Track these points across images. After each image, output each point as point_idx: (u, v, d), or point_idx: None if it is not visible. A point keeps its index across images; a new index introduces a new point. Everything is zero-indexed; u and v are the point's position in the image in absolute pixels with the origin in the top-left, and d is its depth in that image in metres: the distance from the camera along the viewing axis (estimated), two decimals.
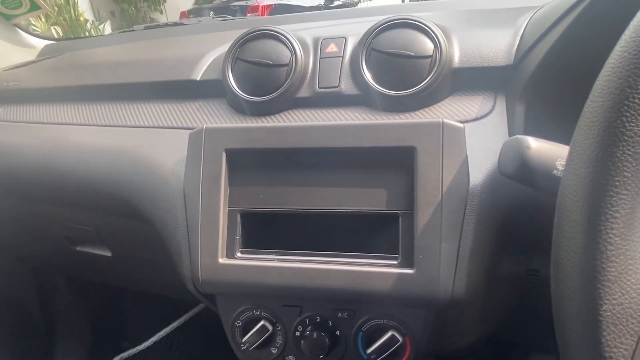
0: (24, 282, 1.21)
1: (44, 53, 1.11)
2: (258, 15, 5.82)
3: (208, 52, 0.76)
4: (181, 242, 0.64)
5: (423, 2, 1.15)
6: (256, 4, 6.11)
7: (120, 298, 1.40)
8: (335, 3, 7.04)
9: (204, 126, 0.63)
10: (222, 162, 0.62)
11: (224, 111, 0.71)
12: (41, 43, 1.14)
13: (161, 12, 7.87)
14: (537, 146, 0.38)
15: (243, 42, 0.69)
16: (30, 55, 1.10)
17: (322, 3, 6.64)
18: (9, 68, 0.99)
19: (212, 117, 0.71)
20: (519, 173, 0.39)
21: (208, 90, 0.72)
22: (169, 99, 0.76)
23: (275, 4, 6.11)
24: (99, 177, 0.75)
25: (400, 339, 0.58)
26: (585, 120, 0.26)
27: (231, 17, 1.23)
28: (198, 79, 0.73)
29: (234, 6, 6.17)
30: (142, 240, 0.83)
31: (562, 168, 0.36)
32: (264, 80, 0.67)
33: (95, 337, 1.36)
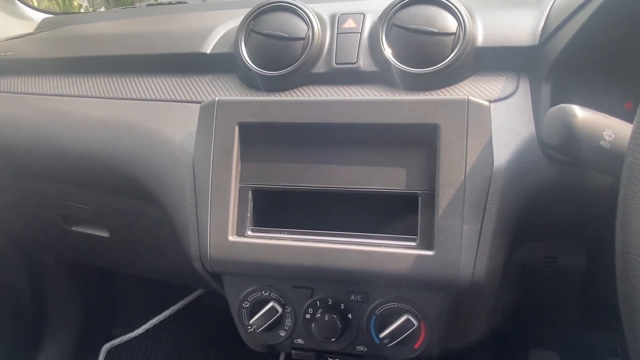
0: (14, 264, 1.17)
1: (42, 26, 1.07)
2: None
3: (219, 25, 0.73)
4: (189, 219, 0.62)
5: None
6: None
7: (112, 283, 1.37)
8: None
9: (216, 98, 0.61)
10: (235, 137, 0.60)
11: (235, 86, 0.68)
12: (39, 16, 1.10)
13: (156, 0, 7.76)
14: (584, 115, 0.36)
15: (258, 14, 0.67)
16: (28, 28, 1.06)
17: None
18: (5, 39, 0.96)
19: (223, 91, 0.68)
20: (564, 144, 0.37)
21: (219, 64, 0.70)
22: (177, 73, 0.73)
23: None
24: (102, 152, 0.72)
25: (415, 323, 0.57)
26: None
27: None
28: (208, 52, 0.70)
29: None
30: (144, 220, 0.80)
31: (610, 139, 0.35)
32: (279, 54, 0.64)
33: (86, 323, 1.32)
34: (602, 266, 0.63)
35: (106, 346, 1.34)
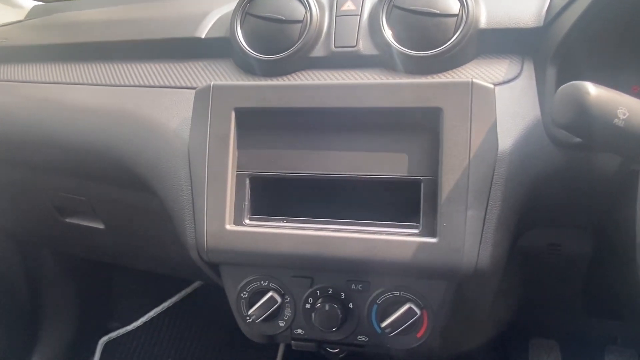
0: (9, 256, 1.15)
1: (32, 14, 1.04)
2: None
3: (214, 9, 0.71)
4: (185, 208, 0.60)
5: None
6: None
7: (109, 276, 1.35)
8: None
9: (212, 83, 0.59)
10: (231, 122, 0.58)
11: (231, 71, 0.66)
12: (29, 3, 1.07)
13: None
14: (597, 93, 0.35)
15: None
16: (18, 16, 1.03)
17: None
18: None
19: (218, 77, 0.67)
20: (576, 122, 0.35)
21: (214, 49, 0.68)
22: (171, 59, 0.71)
23: None
24: (95, 140, 0.70)
25: (417, 312, 0.55)
26: None
27: None
28: (203, 36, 0.68)
29: None
30: (139, 211, 0.79)
31: (624, 117, 0.33)
32: (276, 38, 0.63)
33: (83, 316, 1.31)
34: (607, 253, 0.62)
35: (103, 339, 1.33)
